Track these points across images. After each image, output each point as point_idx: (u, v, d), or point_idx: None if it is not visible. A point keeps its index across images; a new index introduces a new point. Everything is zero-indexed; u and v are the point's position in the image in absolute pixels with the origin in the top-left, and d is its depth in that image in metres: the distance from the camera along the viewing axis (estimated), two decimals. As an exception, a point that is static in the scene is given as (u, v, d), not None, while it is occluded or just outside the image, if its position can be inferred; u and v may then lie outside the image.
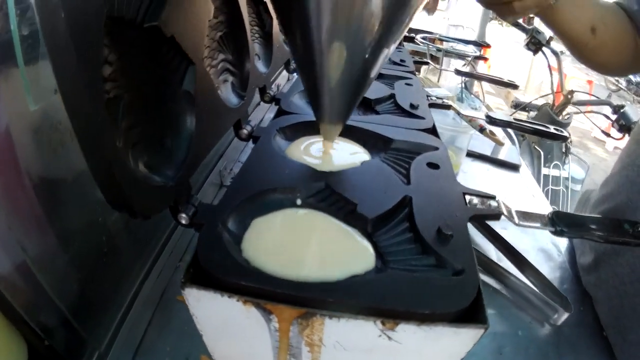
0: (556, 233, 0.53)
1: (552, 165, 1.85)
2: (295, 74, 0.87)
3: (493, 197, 0.53)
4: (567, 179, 1.89)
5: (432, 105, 0.77)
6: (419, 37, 1.25)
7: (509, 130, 1.73)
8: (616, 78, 7.59)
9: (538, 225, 0.53)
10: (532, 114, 1.93)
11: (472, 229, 0.82)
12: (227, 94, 0.58)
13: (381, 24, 0.38)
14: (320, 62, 0.40)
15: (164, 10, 0.39)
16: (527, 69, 4.22)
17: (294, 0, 0.37)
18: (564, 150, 1.88)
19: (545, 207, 1.02)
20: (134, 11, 0.37)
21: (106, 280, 0.51)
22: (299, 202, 0.48)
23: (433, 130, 0.66)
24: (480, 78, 1.10)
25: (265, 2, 0.70)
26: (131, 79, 0.39)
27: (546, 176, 1.84)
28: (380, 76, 0.87)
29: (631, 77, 7.30)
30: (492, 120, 0.81)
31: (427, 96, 0.78)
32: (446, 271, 0.39)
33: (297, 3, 0.36)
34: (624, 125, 1.80)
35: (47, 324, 0.41)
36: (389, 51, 0.42)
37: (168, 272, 0.65)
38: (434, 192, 0.50)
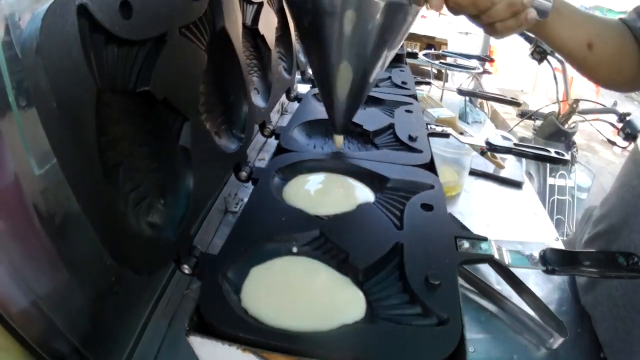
0: (548, 272, 0.54)
1: (558, 175, 1.85)
2: (295, 102, 0.88)
3: (485, 240, 0.54)
4: (573, 187, 1.89)
5: (432, 135, 0.78)
6: (421, 54, 1.25)
7: (515, 141, 1.73)
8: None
9: (528, 265, 0.54)
10: (538, 122, 1.92)
11: None
12: (225, 139, 0.60)
13: (375, 52, 0.49)
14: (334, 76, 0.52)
15: (153, 74, 0.41)
16: (534, 71, 4.19)
17: (318, 34, 0.48)
18: (569, 159, 1.87)
19: (547, 228, 1.02)
20: (125, 80, 0.38)
21: (116, 314, 0.53)
22: (294, 249, 0.50)
23: (430, 165, 0.67)
24: (483, 97, 1.11)
25: (262, 35, 0.72)
26: (129, 143, 0.41)
27: (552, 186, 1.84)
28: (380, 102, 0.88)
29: None
30: (492, 147, 0.82)
31: (427, 124, 0.79)
32: (432, 320, 0.42)
33: (319, 37, 0.48)
34: (629, 133, 1.79)
35: (59, 354, 0.43)
36: (384, 65, 0.53)
37: (176, 299, 0.66)
38: (426, 237, 0.51)
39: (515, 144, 0.85)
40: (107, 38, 0.35)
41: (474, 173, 1.16)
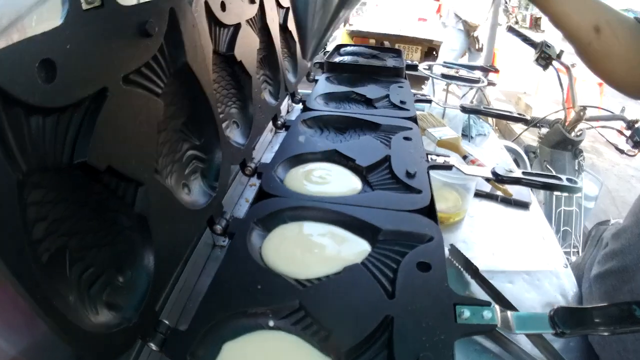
0: (557, 335, 0.48)
1: (564, 185, 1.77)
2: (283, 130, 0.82)
3: (488, 305, 0.47)
4: (580, 197, 1.82)
5: (433, 167, 0.71)
6: (421, 66, 1.18)
7: (520, 151, 1.66)
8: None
9: (536, 330, 0.48)
10: (544, 130, 1.84)
11: (476, 289, 0.78)
12: (196, 192, 0.53)
13: None
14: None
15: (91, 141, 0.34)
16: (537, 73, 4.11)
17: None
18: (577, 168, 1.80)
19: (555, 253, 0.96)
20: (57, 154, 0.32)
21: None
22: (271, 323, 0.44)
23: (430, 208, 0.60)
24: (488, 114, 1.04)
25: (240, 61, 0.65)
26: (73, 222, 0.34)
27: (558, 197, 1.77)
28: (376, 128, 0.81)
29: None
30: (499, 179, 0.75)
31: (427, 155, 0.72)
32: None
33: None
34: (638, 142, 1.72)
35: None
36: None
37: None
38: (420, 307, 0.45)
39: (524, 173, 0.78)
40: (28, 111, 0.29)
41: (478, 194, 1.09)
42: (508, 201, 1.10)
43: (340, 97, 0.95)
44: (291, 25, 0.95)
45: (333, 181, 0.65)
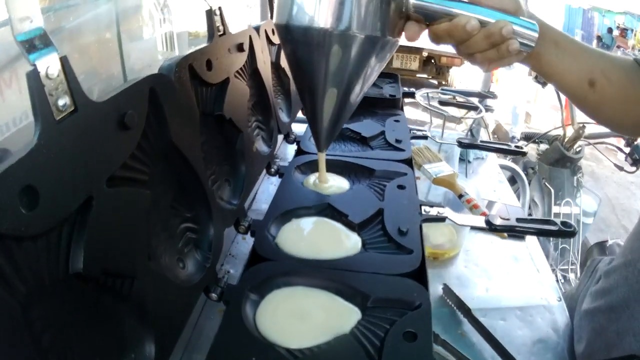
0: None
1: (563, 203, 1.77)
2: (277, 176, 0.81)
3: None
4: (578, 214, 1.82)
5: (427, 220, 0.70)
6: (419, 95, 1.17)
7: (518, 169, 1.65)
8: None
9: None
10: (543, 146, 1.84)
11: (469, 328, 0.78)
12: (190, 264, 0.53)
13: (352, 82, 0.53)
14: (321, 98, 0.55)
15: (83, 252, 0.34)
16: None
17: (306, 64, 0.52)
18: (575, 184, 1.80)
19: (550, 285, 0.95)
20: (51, 272, 0.32)
21: None
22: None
23: (420, 270, 0.60)
24: (485, 148, 1.02)
25: (229, 119, 0.64)
26: (74, 324, 0.34)
27: (557, 214, 1.76)
28: (370, 174, 0.80)
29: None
30: (492, 228, 0.75)
31: (421, 206, 0.71)
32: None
33: (307, 66, 0.52)
34: (637, 159, 1.72)
35: None
36: (363, 90, 0.56)
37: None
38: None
39: (518, 220, 0.77)
40: (17, 241, 0.29)
41: (474, 227, 1.09)
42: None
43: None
44: (284, 62, 0.94)
45: (326, 241, 0.65)
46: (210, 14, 0.62)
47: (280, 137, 0.92)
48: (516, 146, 1.04)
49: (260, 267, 0.58)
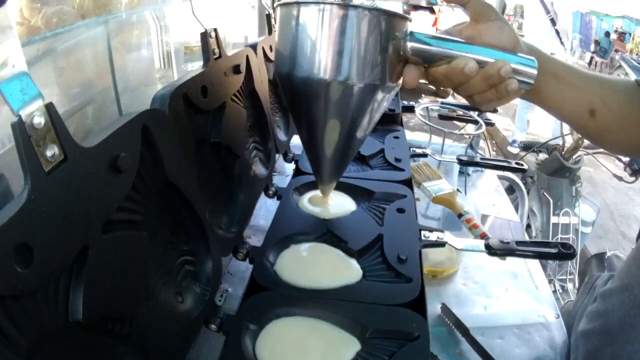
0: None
1: (561, 213, 1.77)
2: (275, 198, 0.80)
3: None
4: (577, 223, 1.81)
5: (427, 246, 0.70)
6: (418, 110, 1.16)
7: (516, 179, 1.65)
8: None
9: None
10: (542, 156, 1.84)
11: (467, 347, 0.78)
12: (189, 300, 0.52)
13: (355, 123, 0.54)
14: (321, 143, 0.56)
15: (82, 301, 0.33)
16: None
17: (307, 110, 0.52)
18: (574, 194, 1.80)
19: (548, 302, 0.95)
20: (51, 324, 0.31)
21: None
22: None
23: (419, 300, 0.59)
24: (485, 166, 1.02)
25: (226, 146, 0.64)
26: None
27: (555, 225, 1.76)
28: (369, 196, 0.79)
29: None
30: (492, 252, 0.74)
31: (420, 231, 0.71)
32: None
33: (308, 112, 0.52)
34: (636, 169, 1.72)
35: None
36: (367, 131, 0.58)
37: None
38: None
39: (517, 243, 0.77)
40: (15, 299, 0.28)
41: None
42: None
43: (334, 154, 0.93)
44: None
45: (325, 269, 0.64)
46: (205, 36, 0.61)
47: (278, 155, 0.91)
48: (517, 163, 1.03)
49: (259, 297, 0.58)
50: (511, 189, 1.68)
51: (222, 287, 0.84)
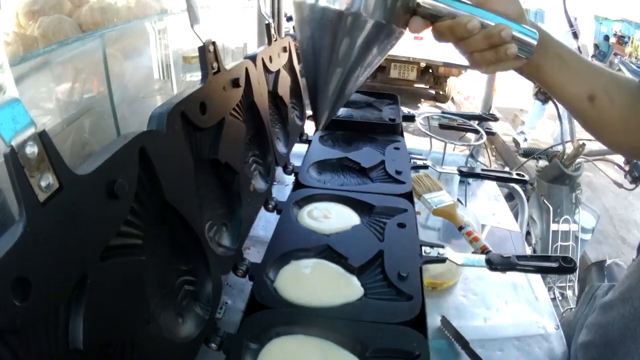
0: None
1: (561, 220, 1.76)
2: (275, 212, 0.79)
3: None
4: (576, 231, 1.81)
5: (427, 262, 0.69)
6: (419, 119, 1.16)
7: (516, 187, 1.64)
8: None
9: None
10: (542, 162, 1.83)
11: (465, 357, 0.77)
12: (190, 320, 0.52)
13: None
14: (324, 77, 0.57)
15: (82, 328, 0.33)
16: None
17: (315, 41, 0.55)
18: (574, 201, 1.79)
19: (548, 313, 0.94)
20: (51, 352, 0.30)
21: None
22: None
23: (420, 318, 0.59)
24: (486, 177, 1.01)
25: (226, 162, 0.63)
26: None
27: (555, 232, 1.76)
28: (370, 210, 0.79)
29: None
30: (493, 267, 0.74)
31: (421, 247, 0.70)
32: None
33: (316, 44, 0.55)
34: (637, 177, 1.71)
35: None
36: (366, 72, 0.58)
37: None
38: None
39: (518, 257, 0.76)
40: (15, 333, 0.28)
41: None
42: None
43: (334, 166, 0.93)
44: (282, 90, 0.93)
45: (325, 287, 0.64)
46: (203, 50, 0.60)
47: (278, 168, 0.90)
48: (517, 174, 1.02)
49: (259, 315, 0.57)
50: (511, 196, 1.67)
51: (222, 299, 0.84)
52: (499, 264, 0.73)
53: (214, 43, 0.61)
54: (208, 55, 0.60)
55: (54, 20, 0.87)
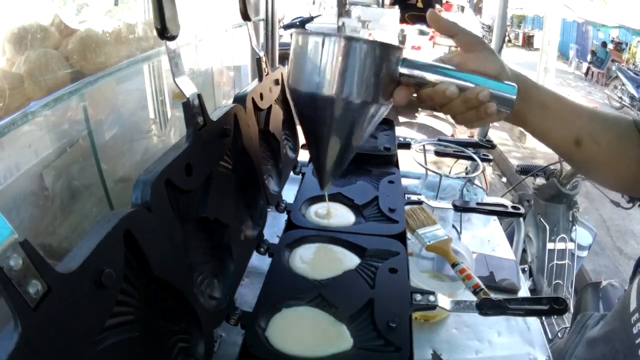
0: None
1: (558, 239, 1.77)
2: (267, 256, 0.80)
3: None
4: (573, 248, 1.82)
5: (418, 309, 0.70)
6: (415, 147, 1.16)
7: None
8: (619, 95, 7.41)
9: None
10: (540, 180, 1.83)
11: None
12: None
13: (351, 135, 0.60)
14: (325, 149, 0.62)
15: None
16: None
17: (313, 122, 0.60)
18: (571, 219, 1.80)
19: (539, 344, 0.95)
20: None
21: None
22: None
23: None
24: (481, 211, 1.01)
25: (215, 219, 0.64)
26: None
27: (551, 251, 1.76)
28: (362, 253, 0.79)
29: (634, 92, 7.06)
30: (483, 312, 0.74)
31: (411, 294, 0.70)
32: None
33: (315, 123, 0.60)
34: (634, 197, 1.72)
35: None
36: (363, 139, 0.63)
37: None
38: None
39: (510, 301, 0.77)
40: None
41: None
42: (495, 288, 1.08)
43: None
44: (273, 126, 0.93)
45: (315, 337, 0.65)
46: (188, 106, 0.58)
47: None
48: (513, 207, 1.03)
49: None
50: (507, 214, 1.68)
51: (216, 332, 0.84)
52: (490, 308, 0.73)
53: (199, 95, 0.60)
54: (193, 112, 0.58)
55: (40, 57, 0.85)
